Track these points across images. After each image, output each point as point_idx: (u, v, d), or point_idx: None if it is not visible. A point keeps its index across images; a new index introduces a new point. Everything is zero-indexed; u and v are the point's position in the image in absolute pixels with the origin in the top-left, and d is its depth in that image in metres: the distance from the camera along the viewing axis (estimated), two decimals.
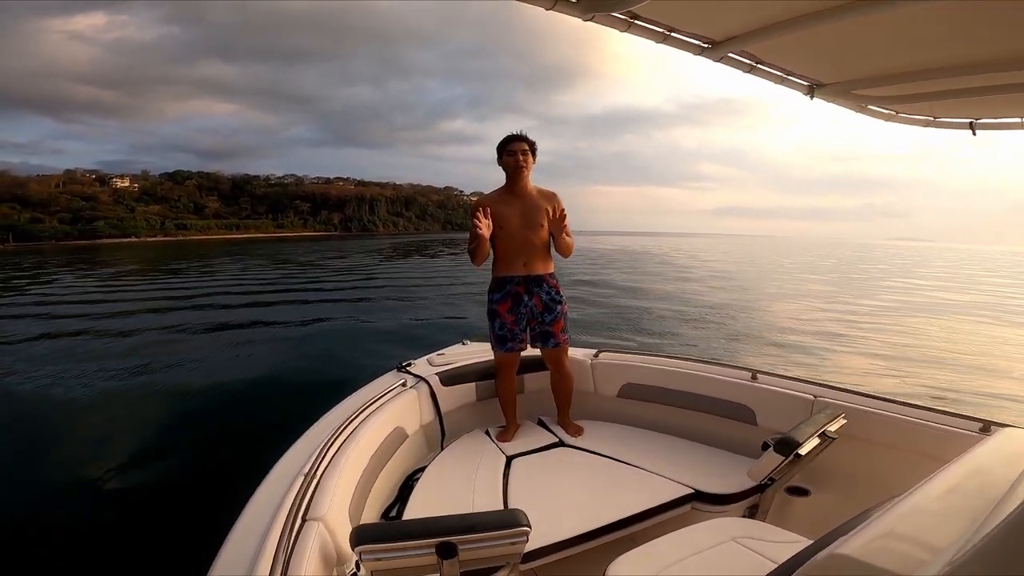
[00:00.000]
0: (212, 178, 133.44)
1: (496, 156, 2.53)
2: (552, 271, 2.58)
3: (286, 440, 1.81)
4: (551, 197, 2.53)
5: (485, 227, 2.32)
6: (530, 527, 1.13)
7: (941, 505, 0.99)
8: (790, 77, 1.64)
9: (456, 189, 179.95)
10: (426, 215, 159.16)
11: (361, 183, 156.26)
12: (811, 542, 1.48)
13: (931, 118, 1.92)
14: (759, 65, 1.54)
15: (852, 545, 0.85)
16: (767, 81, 1.63)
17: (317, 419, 2.00)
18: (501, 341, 2.54)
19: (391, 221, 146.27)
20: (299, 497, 1.36)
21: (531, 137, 2.52)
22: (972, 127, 1.91)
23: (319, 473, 1.52)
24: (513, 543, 1.12)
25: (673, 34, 1.36)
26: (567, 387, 2.65)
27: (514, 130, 2.51)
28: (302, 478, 1.47)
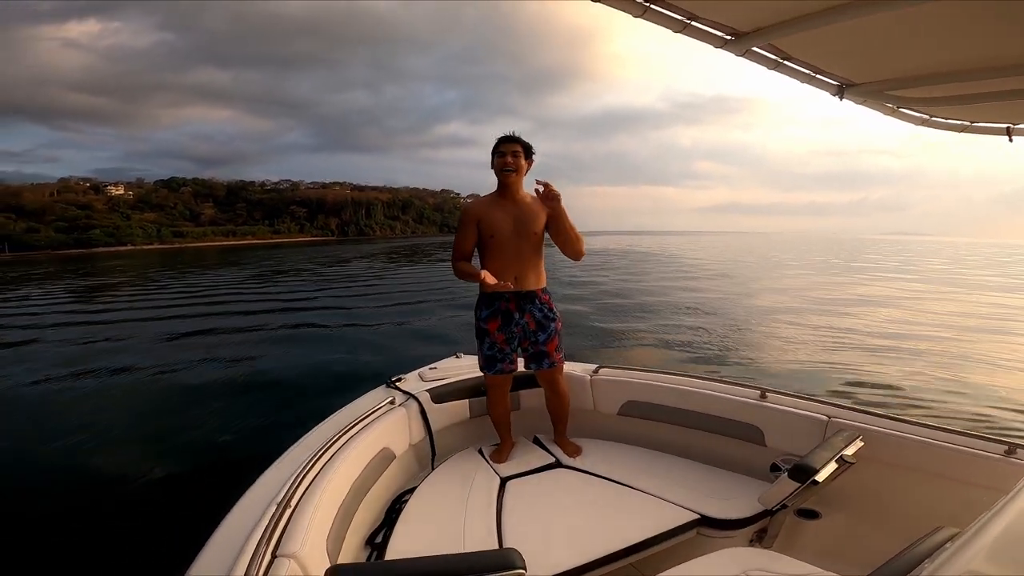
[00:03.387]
0: (207, 185, 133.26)
1: (490, 160, 2.35)
2: (544, 286, 2.40)
3: (263, 463, 1.68)
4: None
5: (498, 284, 2.13)
6: (525, 568, 1.07)
7: (1015, 550, 0.90)
8: (819, 76, 1.50)
9: (452, 191, 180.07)
10: (423, 218, 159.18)
11: (357, 187, 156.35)
12: (829, 574, 1.39)
13: (967, 123, 1.79)
14: (786, 62, 1.40)
15: None
16: (794, 80, 1.47)
17: (297, 440, 1.87)
18: (491, 362, 2.37)
19: (388, 225, 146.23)
20: (270, 529, 1.24)
21: (526, 139, 2.33)
22: (1009, 133, 1.79)
23: (295, 501, 1.40)
24: None
25: (694, 23, 1.21)
26: (564, 407, 2.50)
27: (507, 131, 2.33)
28: (275, 507, 1.34)
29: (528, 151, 2.32)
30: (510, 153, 2.27)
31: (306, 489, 1.51)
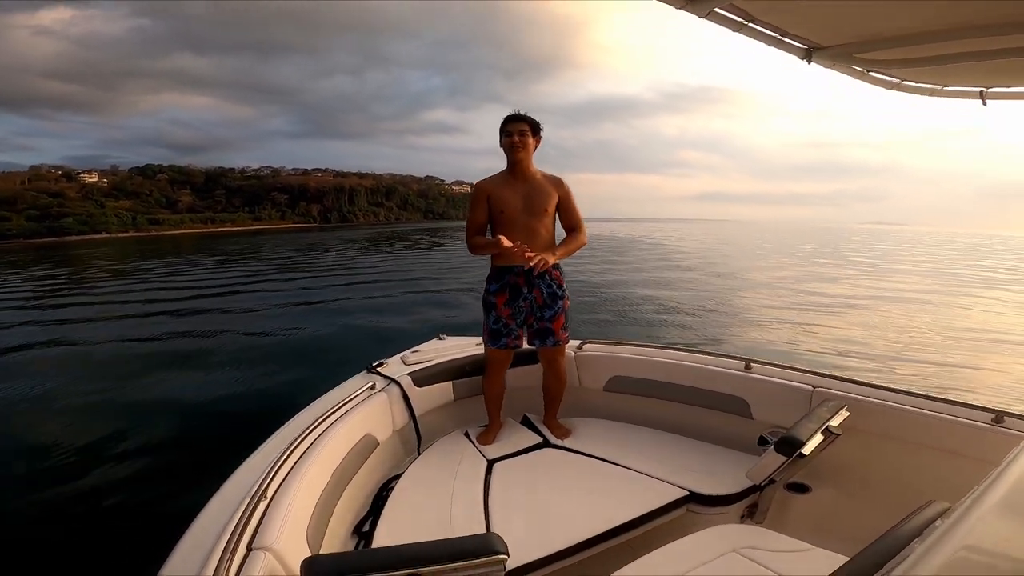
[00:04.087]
0: (184, 172, 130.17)
1: (498, 138, 2.35)
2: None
3: (239, 457, 1.62)
4: (557, 183, 2.36)
5: (514, 246, 2.16)
6: (507, 553, 1.07)
7: (1007, 525, 0.87)
8: (785, 39, 1.44)
9: (437, 178, 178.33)
10: (407, 205, 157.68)
11: (340, 174, 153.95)
12: (819, 550, 1.38)
13: (939, 86, 1.74)
14: (750, 23, 1.34)
15: (927, 567, 0.73)
16: (759, 43, 1.42)
17: (274, 431, 1.81)
18: (495, 336, 2.37)
19: (371, 211, 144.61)
20: (243, 522, 1.20)
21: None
22: (982, 96, 1.74)
23: (271, 493, 1.36)
24: (489, 572, 1.05)
25: None
26: (560, 388, 2.49)
27: (513, 110, 2.33)
28: (248, 499, 1.30)
29: (535, 128, 2.33)
30: (517, 132, 2.28)
31: (283, 480, 1.46)
